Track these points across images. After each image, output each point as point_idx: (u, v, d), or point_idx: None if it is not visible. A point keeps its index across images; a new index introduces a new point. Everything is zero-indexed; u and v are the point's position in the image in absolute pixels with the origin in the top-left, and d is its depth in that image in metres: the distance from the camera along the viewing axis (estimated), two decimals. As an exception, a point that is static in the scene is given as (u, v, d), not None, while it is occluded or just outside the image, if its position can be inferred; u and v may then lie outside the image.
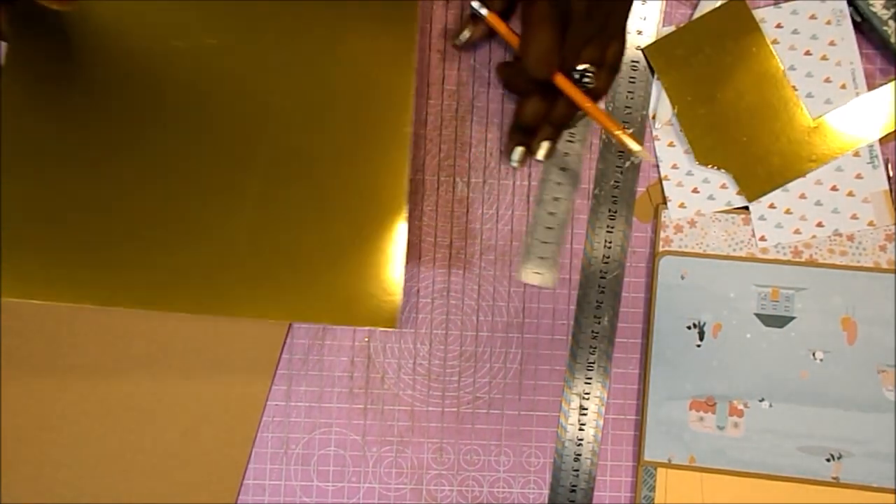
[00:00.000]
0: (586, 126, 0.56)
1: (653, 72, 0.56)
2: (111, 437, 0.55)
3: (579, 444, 0.55)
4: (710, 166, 0.55)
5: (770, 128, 0.55)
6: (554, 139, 0.54)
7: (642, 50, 0.56)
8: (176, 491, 0.54)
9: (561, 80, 0.50)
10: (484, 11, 0.51)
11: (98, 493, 0.54)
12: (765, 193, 0.55)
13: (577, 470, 0.55)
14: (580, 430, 0.55)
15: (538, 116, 0.53)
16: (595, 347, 0.55)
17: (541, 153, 0.54)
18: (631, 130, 0.55)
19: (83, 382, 0.55)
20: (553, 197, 0.56)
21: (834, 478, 0.54)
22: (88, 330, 0.55)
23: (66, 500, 0.54)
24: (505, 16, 0.53)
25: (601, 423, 0.55)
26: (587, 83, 0.51)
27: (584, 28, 0.49)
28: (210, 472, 0.55)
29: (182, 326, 0.55)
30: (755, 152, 0.55)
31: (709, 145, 0.56)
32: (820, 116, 0.55)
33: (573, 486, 0.55)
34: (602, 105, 0.56)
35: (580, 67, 0.51)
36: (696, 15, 0.56)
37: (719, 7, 0.56)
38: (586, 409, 0.55)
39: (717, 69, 0.56)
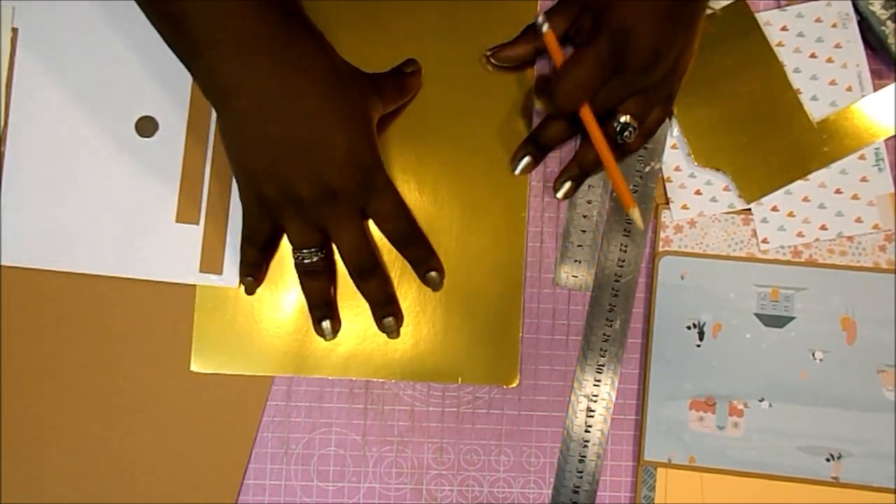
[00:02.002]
0: None
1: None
2: (111, 437, 0.55)
3: (584, 446, 0.55)
4: (708, 167, 0.55)
5: (771, 129, 0.55)
6: (578, 182, 0.54)
7: None
8: (176, 491, 0.54)
9: (587, 117, 0.50)
10: (545, 27, 0.51)
11: (98, 493, 0.54)
12: (765, 195, 0.55)
13: (581, 471, 0.55)
14: (586, 431, 0.55)
15: (557, 139, 0.53)
16: (606, 350, 0.55)
17: (560, 192, 0.54)
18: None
19: (83, 382, 0.55)
20: (586, 200, 0.56)
21: (834, 478, 0.54)
22: (88, 330, 0.55)
23: (66, 500, 0.54)
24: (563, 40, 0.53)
25: (608, 425, 0.55)
26: (626, 137, 0.51)
27: (633, 80, 0.49)
28: (210, 472, 0.55)
29: (182, 328, 0.55)
30: (755, 154, 0.55)
31: (708, 146, 0.55)
32: (823, 118, 0.55)
33: (576, 486, 0.55)
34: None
35: (623, 119, 0.50)
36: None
37: (721, 8, 0.56)
38: (594, 411, 0.55)
39: (718, 70, 0.55)
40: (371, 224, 0.53)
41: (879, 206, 0.55)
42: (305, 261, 0.51)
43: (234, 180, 0.55)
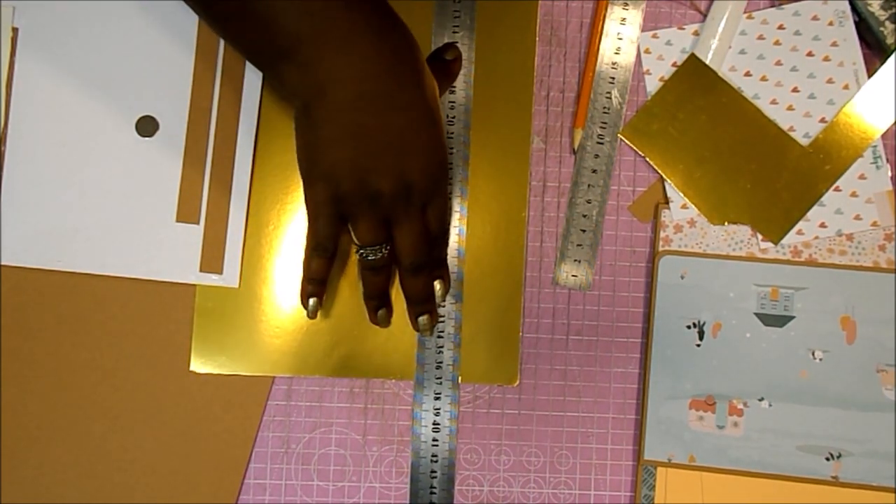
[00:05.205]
0: (615, 127, 0.56)
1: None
2: (111, 437, 0.55)
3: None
4: (725, 223, 0.55)
5: (768, 167, 0.55)
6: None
7: (621, 136, 0.56)
8: (176, 491, 0.54)
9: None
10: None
11: (98, 493, 0.54)
12: (787, 231, 0.55)
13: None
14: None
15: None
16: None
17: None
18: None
19: (83, 382, 0.55)
20: (586, 200, 0.56)
21: (833, 477, 0.54)
22: (88, 330, 0.55)
23: (66, 500, 0.54)
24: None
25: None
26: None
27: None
28: (210, 472, 0.55)
29: (182, 328, 0.55)
30: (763, 195, 0.55)
31: (716, 204, 0.55)
32: (814, 138, 0.55)
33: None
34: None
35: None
36: (708, 17, 0.56)
37: (677, 70, 0.56)
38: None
39: (697, 129, 0.55)
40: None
41: (878, 204, 0.55)
42: (370, 258, 0.50)
43: (235, 184, 0.55)
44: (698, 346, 0.55)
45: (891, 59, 0.55)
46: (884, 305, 0.55)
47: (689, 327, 0.55)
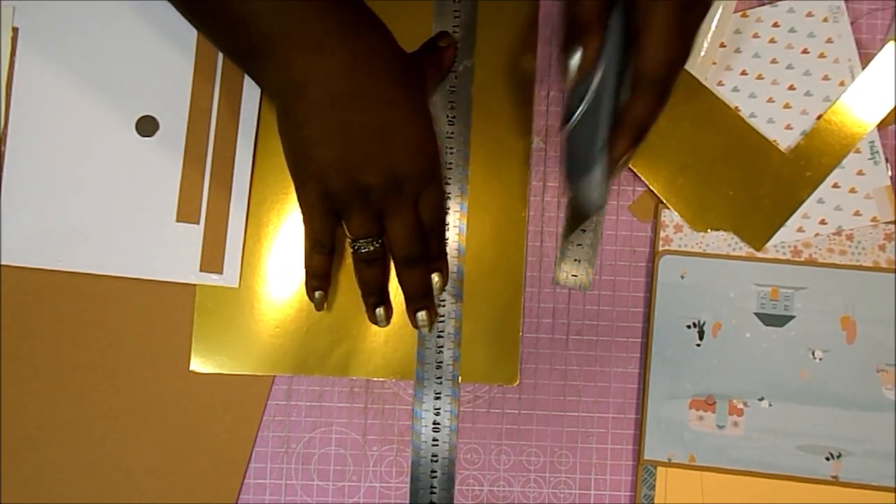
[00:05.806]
0: None
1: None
2: (111, 437, 0.55)
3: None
4: (708, 230, 0.55)
5: (750, 174, 0.55)
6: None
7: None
8: (176, 491, 0.54)
9: None
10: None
11: (98, 493, 0.54)
12: (769, 238, 0.55)
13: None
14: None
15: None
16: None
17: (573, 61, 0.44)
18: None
19: (83, 382, 0.55)
20: None
21: (833, 476, 0.54)
22: (88, 330, 0.55)
23: (66, 500, 0.54)
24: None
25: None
26: None
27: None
28: (210, 472, 0.55)
29: (182, 328, 0.55)
30: (745, 202, 0.55)
31: (698, 211, 0.55)
32: (794, 144, 0.55)
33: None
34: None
35: None
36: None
37: None
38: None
39: (679, 136, 0.56)
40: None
41: (877, 199, 0.55)
42: (363, 250, 0.50)
43: (235, 184, 0.55)
44: (698, 345, 0.55)
45: (865, 70, 0.55)
46: (884, 305, 0.55)
47: (689, 327, 0.55)
